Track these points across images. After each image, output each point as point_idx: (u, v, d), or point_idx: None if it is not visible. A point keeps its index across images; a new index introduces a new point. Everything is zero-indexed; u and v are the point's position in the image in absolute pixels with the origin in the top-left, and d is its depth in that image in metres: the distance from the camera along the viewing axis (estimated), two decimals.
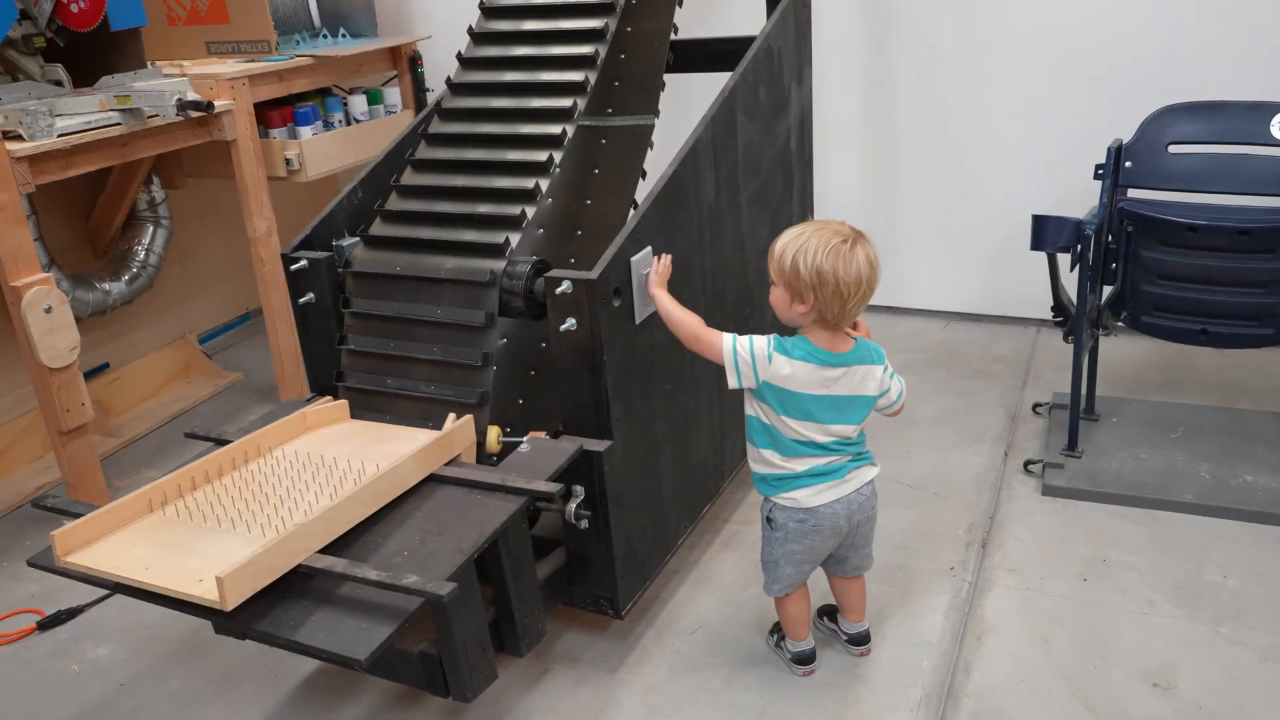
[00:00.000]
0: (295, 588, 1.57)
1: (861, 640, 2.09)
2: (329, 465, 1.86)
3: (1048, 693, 1.95)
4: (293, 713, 2.06)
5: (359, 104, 3.51)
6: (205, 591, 1.48)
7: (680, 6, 2.50)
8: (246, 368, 3.76)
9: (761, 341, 1.80)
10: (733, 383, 1.82)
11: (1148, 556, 2.31)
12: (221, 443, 1.96)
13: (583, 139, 2.27)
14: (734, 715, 1.96)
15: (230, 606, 1.46)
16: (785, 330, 1.85)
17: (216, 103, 2.90)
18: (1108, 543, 2.37)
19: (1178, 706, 1.89)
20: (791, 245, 1.76)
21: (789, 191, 2.64)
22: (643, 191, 2.13)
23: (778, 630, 2.11)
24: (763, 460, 1.88)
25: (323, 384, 2.21)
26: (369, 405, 2.11)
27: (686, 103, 2.75)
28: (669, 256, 1.96)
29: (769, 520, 1.91)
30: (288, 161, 3.18)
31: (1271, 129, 2.54)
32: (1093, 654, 2.03)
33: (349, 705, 2.06)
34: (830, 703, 1.97)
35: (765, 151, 2.45)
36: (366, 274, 2.12)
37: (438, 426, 1.94)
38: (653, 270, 1.95)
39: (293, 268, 2.14)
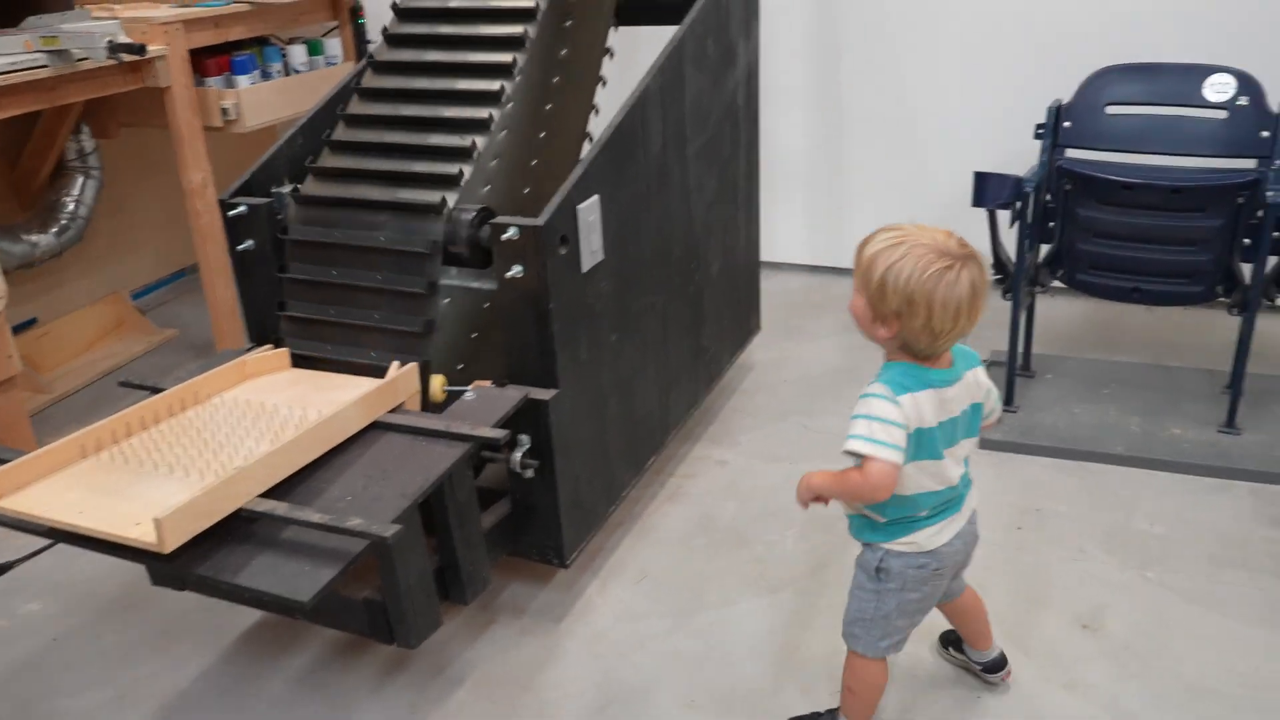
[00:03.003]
0: (236, 532, 1.54)
1: (998, 666, 1.86)
2: (269, 412, 1.83)
3: None
4: (234, 665, 2.04)
5: (299, 54, 3.42)
6: (143, 534, 1.45)
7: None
8: (182, 324, 3.67)
9: (883, 406, 1.45)
10: (902, 458, 1.47)
11: (1080, 506, 2.38)
12: (157, 391, 1.91)
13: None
14: (678, 661, 1.98)
15: (169, 549, 1.43)
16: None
17: (149, 47, 2.81)
18: (1042, 494, 2.44)
19: (1106, 647, 1.95)
20: (883, 257, 1.44)
21: (736, 146, 2.64)
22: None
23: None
24: (876, 510, 1.58)
25: (263, 335, 2.17)
26: (311, 335, 2.07)
27: (634, 55, 2.74)
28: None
29: (878, 570, 1.59)
30: (224, 111, 3.10)
31: (1203, 91, 2.60)
32: (1026, 599, 2.09)
33: (292, 655, 2.04)
34: (771, 648, 2.00)
35: (713, 105, 2.45)
36: (311, 200, 2.08)
37: (383, 356, 1.91)
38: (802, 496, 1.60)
39: (231, 214, 2.09)
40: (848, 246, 3.75)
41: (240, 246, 2.11)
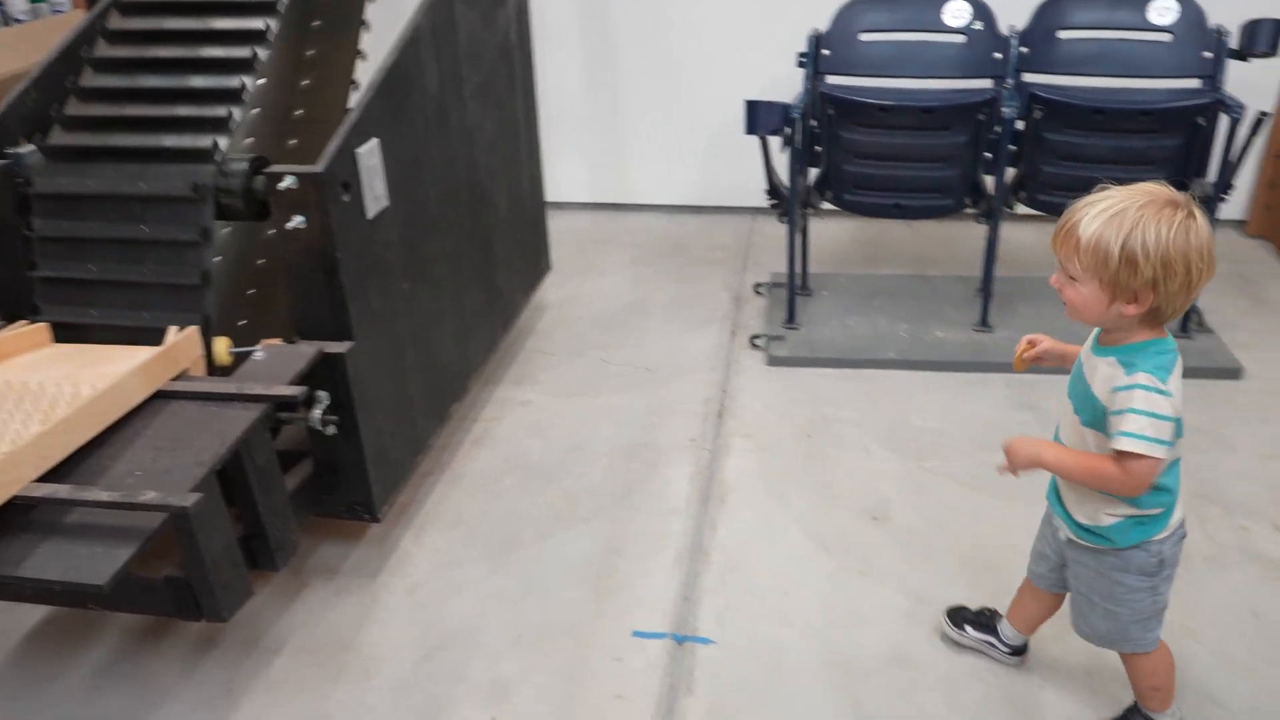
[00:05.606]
0: (13, 523, 1.43)
1: (1024, 650, 1.82)
2: (35, 391, 1.69)
3: (784, 537, 2.13)
4: (23, 667, 1.89)
5: (18, 3, 3.10)
6: None
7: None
8: None
9: (1161, 402, 1.33)
10: (1166, 452, 1.36)
11: (861, 410, 2.56)
12: None
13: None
14: (498, 600, 2.00)
15: None
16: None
17: None
18: (826, 402, 2.60)
19: (893, 533, 2.13)
20: (1112, 229, 1.28)
21: (513, 85, 2.61)
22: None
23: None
24: (1148, 504, 1.47)
25: (15, 311, 1.98)
26: (72, 300, 1.92)
27: None
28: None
29: (1160, 563, 1.50)
30: None
31: (943, 17, 2.80)
32: (821, 499, 2.24)
33: (89, 648, 1.92)
34: (589, 575, 2.06)
35: (486, 43, 2.41)
36: (54, 194, 1.90)
37: (158, 317, 1.81)
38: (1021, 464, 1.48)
39: None
40: (629, 182, 3.88)
41: None
